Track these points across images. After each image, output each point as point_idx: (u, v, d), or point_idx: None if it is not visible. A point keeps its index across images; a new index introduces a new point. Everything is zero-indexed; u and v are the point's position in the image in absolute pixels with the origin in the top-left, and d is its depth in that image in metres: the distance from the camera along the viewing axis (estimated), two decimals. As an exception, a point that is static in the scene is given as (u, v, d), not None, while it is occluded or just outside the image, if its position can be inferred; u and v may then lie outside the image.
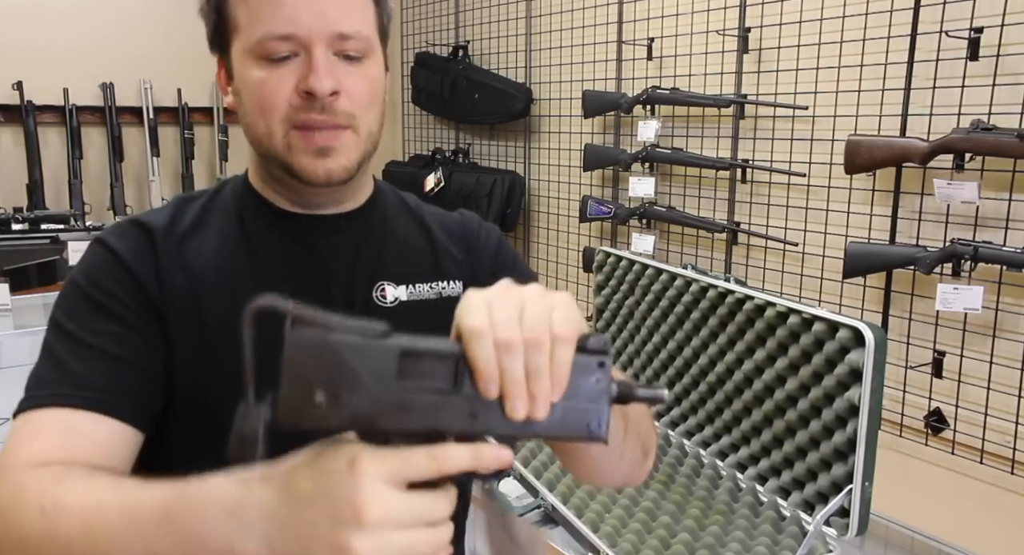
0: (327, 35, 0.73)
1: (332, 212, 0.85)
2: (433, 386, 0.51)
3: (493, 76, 3.16)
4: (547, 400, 0.52)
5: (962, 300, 1.72)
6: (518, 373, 0.51)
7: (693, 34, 2.38)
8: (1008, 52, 1.68)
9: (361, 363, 0.50)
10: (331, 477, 0.50)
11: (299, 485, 0.51)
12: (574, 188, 2.94)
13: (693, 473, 1.73)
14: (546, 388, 0.51)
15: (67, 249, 2.31)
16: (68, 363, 0.72)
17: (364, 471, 0.49)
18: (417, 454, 0.50)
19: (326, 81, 0.72)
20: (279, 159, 0.77)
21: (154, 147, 3.34)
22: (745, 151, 2.29)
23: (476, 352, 0.50)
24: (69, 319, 0.75)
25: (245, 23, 0.74)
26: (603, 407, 0.53)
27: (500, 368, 0.51)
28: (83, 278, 0.77)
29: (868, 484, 1.39)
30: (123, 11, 3.31)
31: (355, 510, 0.48)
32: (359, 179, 0.84)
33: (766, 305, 1.59)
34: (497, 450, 0.52)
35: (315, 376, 0.49)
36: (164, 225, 0.81)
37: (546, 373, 0.51)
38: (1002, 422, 1.76)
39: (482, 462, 0.51)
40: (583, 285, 2.96)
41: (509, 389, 0.51)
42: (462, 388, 0.51)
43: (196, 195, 0.86)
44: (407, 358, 0.51)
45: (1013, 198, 1.72)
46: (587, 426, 0.53)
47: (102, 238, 0.80)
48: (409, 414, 0.51)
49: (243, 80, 0.76)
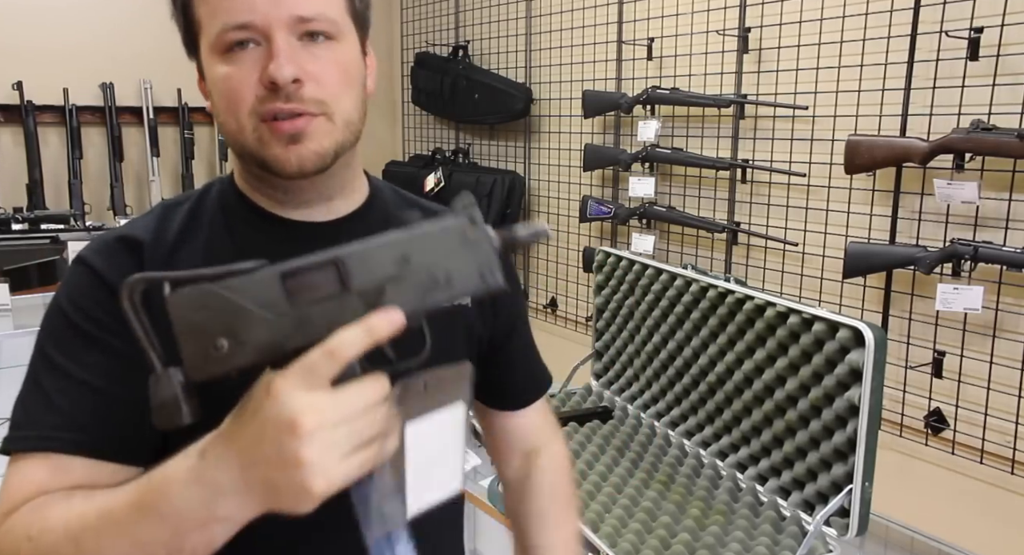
0: (286, 19, 0.70)
1: (324, 219, 0.81)
2: (323, 294, 0.53)
3: (493, 76, 3.16)
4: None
5: (962, 300, 1.72)
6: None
7: (693, 34, 2.38)
8: (1008, 52, 1.68)
9: (248, 298, 0.52)
10: (259, 412, 0.53)
11: (238, 433, 0.54)
12: (574, 188, 2.94)
13: (693, 473, 1.73)
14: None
15: (67, 249, 2.31)
16: (55, 399, 0.71)
17: (279, 391, 0.52)
18: (314, 355, 0.52)
19: (287, 68, 0.69)
20: (252, 154, 0.74)
21: (154, 147, 3.34)
22: (745, 151, 2.29)
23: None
24: (56, 348, 0.73)
25: (206, 20, 0.73)
26: (490, 257, 0.56)
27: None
28: (68, 303, 0.74)
29: (868, 484, 1.39)
30: (123, 11, 3.31)
31: (290, 426, 0.51)
32: (343, 174, 0.80)
33: (766, 305, 1.59)
34: (384, 314, 0.53)
35: (209, 326, 0.52)
36: (150, 239, 0.77)
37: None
38: (1002, 422, 1.76)
39: (375, 333, 0.53)
40: (583, 285, 2.96)
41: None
42: (350, 286, 0.53)
43: (180, 200, 0.83)
44: (290, 278, 0.53)
45: (1013, 198, 1.72)
46: (481, 277, 0.56)
47: (84, 258, 0.76)
48: (310, 327, 0.53)
49: (211, 79, 0.74)
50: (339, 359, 0.52)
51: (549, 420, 1.04)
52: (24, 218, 2.47)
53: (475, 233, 0.55)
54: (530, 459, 1.00)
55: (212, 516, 0.56)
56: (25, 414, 0.72)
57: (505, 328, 0.94)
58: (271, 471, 0.53)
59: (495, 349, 0.93)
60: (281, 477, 0.53)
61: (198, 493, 0.55)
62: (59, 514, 0.62)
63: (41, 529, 0.62)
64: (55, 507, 0.64)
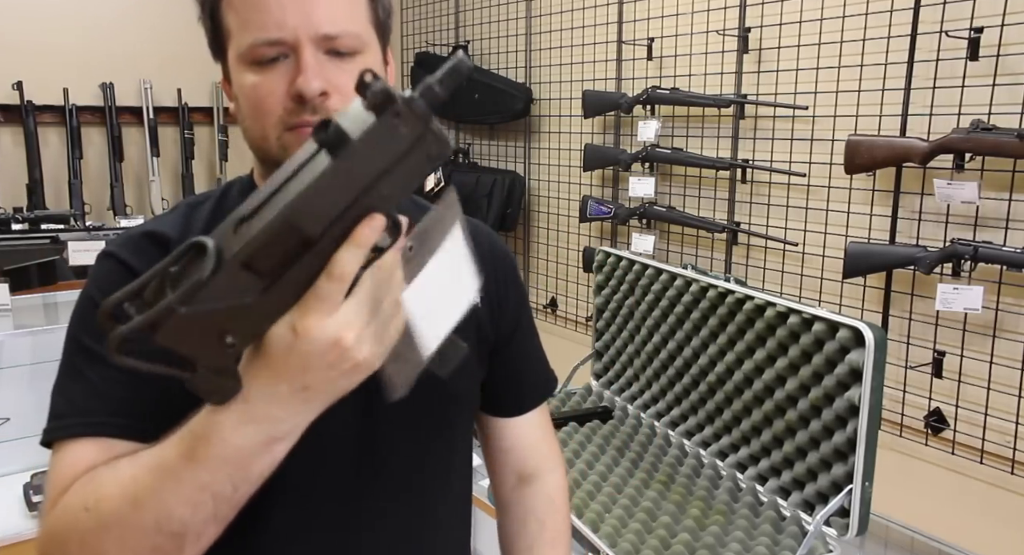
0: (313, 36, 0.72)
1: None
2: (293, 254, 0.52)
3: (493, 76, 3.16)
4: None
5: (962, 300, 1.72)
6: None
7: (693, 34, 2.38)
8: (1008, 52, 1.68)
9: (223, 300, 0.51)
10: (293, 349, 0.54)
11: (278, 370, 0.55)
12: (574, 188, 2.94)
13: (693, 473, 1.73)
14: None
15: (67, 249, 2.30)
16: (97, 385, 0.72)
17: (306, 328, 0.53)
18: (322, 284, 0.53)
19: (314, 82, 0.72)
20: (276, 161, 0.76)
21: (154, 147, 3.34)
22: (745, 151, 2.29)
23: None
24: (91, 337, 0.74)
25: (236, 30, 0.75)
26: (429, 129, 0.52)
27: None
28: (100, 294, 0.75)
29: (868, 484, 1.39)
30: (123, 11, 3.31)
31: (335, 347, 0.54)
32: None
33: (766, 305, 1.59)
34: (366, 223, 0.53)
35: (208, 336, 0.51)
36: (177, 236, 0.79)
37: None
38: (1002, 422, 1.76)
39: (365, 243, 0.53)
40: (583, 285, 2.96)
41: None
42: (313, 236, 0.51)
43: (202, 199, 0.85)
44: (250, 263, 0.51)
45: (1013, 198, 1.72)
46: (428, 159, 0.53)
47: (113, 252, 0.78)
48: (299, 285, 0.53)
49: (239, 85, 0.76)
50: (344, 280, 0.53)
51: (548, 441, 1.02)
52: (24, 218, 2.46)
53: (403, 119, 0.50)
54: (523, 484, 0.99)
55: (274, 439, 0.58)
56: (68, 403, 0.73)
57: (509, 327, 0.94)
58: (330, 383, 0.56)
59: (496, 351, 0.93)
60: (342, 380, 0.57)
61: (254, 429, 0.57)
62: (111, 480, 0.63)
63: (97, 498, 0.63)
64: (104, 476, 0.65)
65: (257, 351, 0.56)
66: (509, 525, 0.99)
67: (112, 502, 0.62)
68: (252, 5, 0.73)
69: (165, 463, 0.60)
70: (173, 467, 0.59)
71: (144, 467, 0.61)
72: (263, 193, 0.52)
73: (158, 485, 0.60)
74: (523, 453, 0.99)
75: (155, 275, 0.51)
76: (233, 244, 0.50)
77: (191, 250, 0.51)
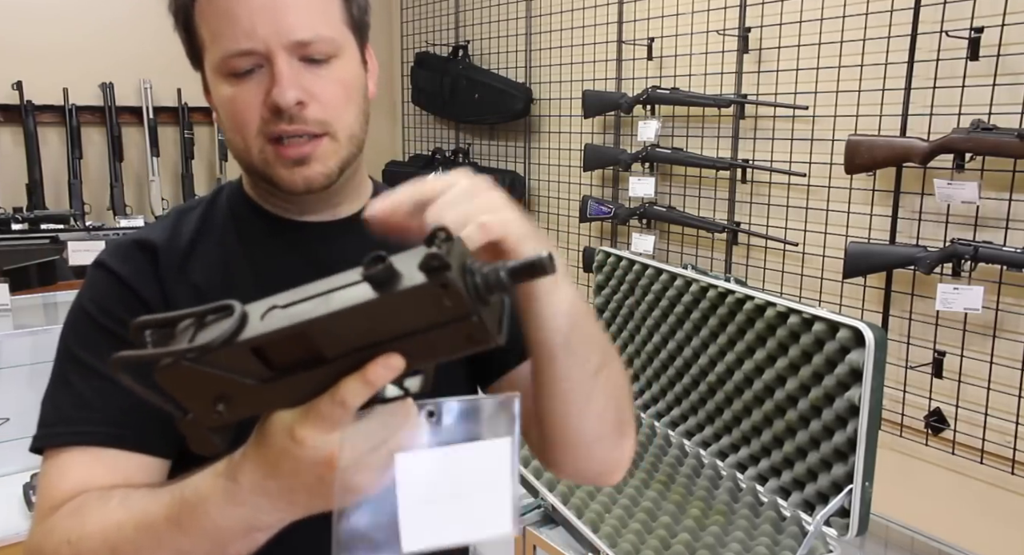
0: (286, 44, 0.71)
1: (329, 219, 0.84)
2: (300, 361, 0.51)
3: (493, 76, 3.16)
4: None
5: (962, 300, 1.72)
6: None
7: (693, 34, 2.38)
8: (1008, 52, 1.68)
9: (227, 369, 0.50)
10: (287, 454, 0.53)
11: (270, 467, 0.54)
12: (574, 188, 2.94)
13: (693, 473, 1.73)
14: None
15: (67, 249, 2.30)
16: (86, 395, 0.73)
17: (304, 438, 0.52)
18: (324, 404, 0.51)
19: (289, 93, 0.71)
20: (259, 172, 0.77)
21: (154, 147, 3.34)
22: (745, 151, 2.29)
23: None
24: (83, 348, 0.75)
25: (208, 41, 0.74)
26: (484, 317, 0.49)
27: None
28: (91, 305, 0.76)
29: (868, 484, 1.39)
30: (123, 11, 3.31)
31: (327, 463, 0.52)
32: (349, 182, 0.82)
33: (766, 305, 1.59)
34: (383, 362, 0.50)
35: (202, 394, 0.51)
36: (164, 244, 0.80)
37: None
38: (1002, 422, 1.76)
39: (375, 383, 0.50)
40: (583, 285, 2.96)
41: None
42: (324, 355, 0.50)
43: (192, 205, 0.86)
44: (260, 350, 0.50)
45: (1013, 198, 1.72)
46: (468, 338, 0.49)
47: (104, 262, 0.78)
48: (298, 391, 0.52)
49: (217, 97, 0.76)
50: (347, 408, 0.51)
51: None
52: (24, 218, 2.46)
53: (451, 295, 0.47)
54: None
55: (255, 528, 0.58)
56: (56, 411, 0.74)
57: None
58: (317, 495, 0.55)
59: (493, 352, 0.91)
60: (326, 496, 0.54)
61: (239, 512, 0.57)
62: (97, 520, 0.64)
63: (80, 535, 0.64)
64: (93, 512, 0.65)
65: (258, 438, 0.55)
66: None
67: (92, 543, 0.63)
68: (222, 16, 0.72)
69: (150, 521, 0.61)
70: (157, 528, 0.60)
71: (131, 518, 0.62)
72: (306, 290, 0.51)
73: (139, 541, 0.61)
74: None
75: (191, 315, 0.51)
76: (256, 324, 0.50)
77: (223, 309, 0.51)
